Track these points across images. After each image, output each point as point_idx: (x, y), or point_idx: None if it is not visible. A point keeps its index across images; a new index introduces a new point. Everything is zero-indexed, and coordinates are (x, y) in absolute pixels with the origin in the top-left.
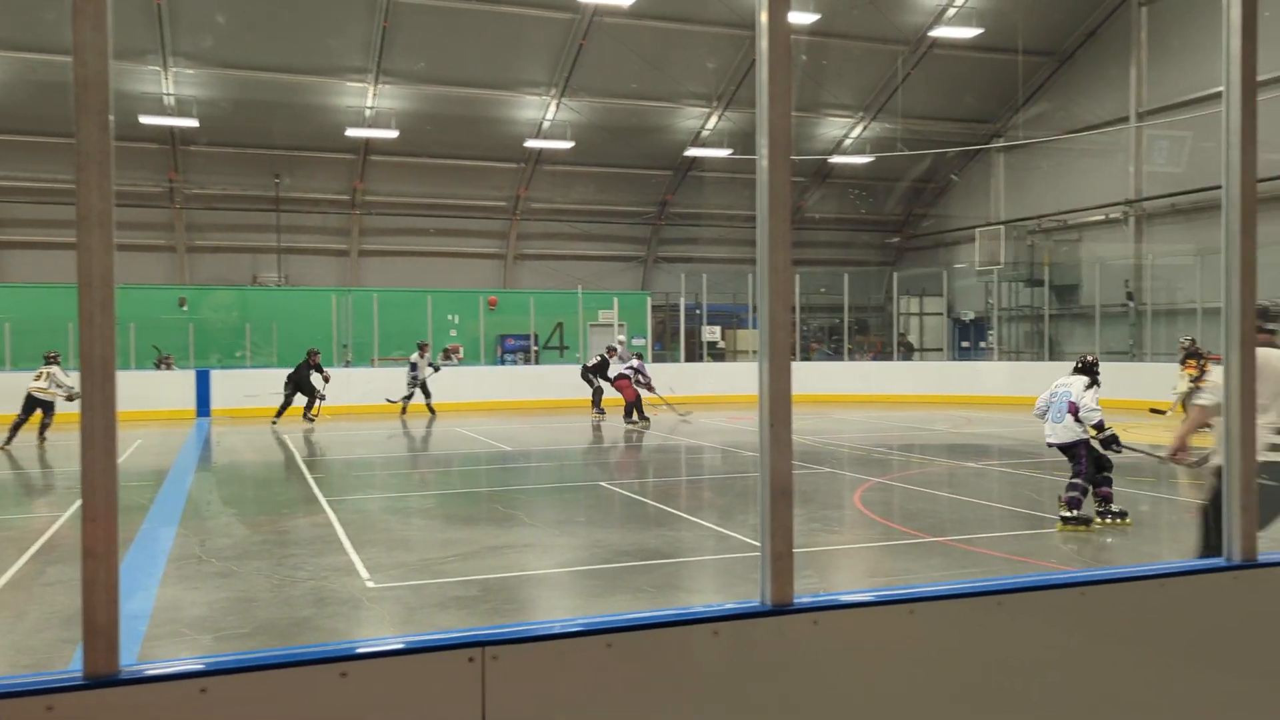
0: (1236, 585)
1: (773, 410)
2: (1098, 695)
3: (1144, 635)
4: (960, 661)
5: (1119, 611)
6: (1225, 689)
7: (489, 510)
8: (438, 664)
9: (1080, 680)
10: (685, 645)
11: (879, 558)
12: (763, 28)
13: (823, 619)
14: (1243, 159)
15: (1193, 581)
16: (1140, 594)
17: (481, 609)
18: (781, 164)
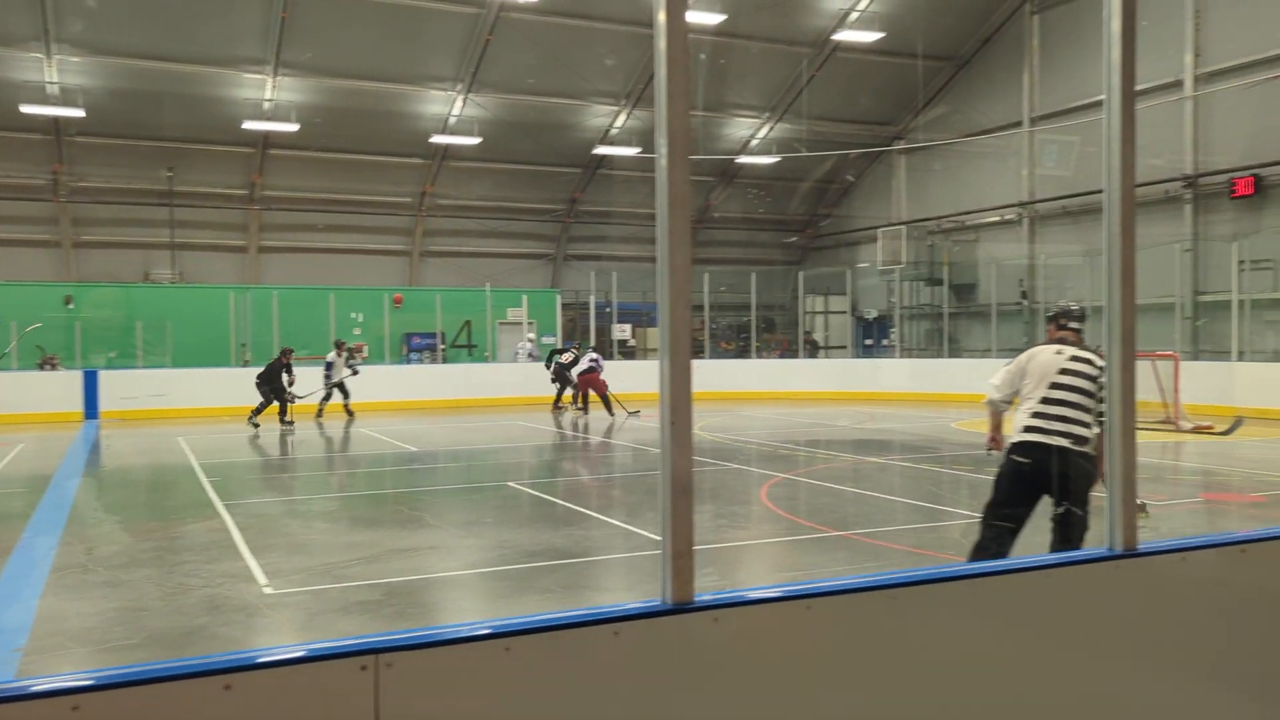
0: (1118, 574)
1: (674, 409)
2: (990, 683)
3: (1032, 624)
4: (857, 655)
5: (1008, 602)
6: (1109, 673)
7: (394, 512)
8: (328, 673)
9: (972, 669)
10: (586, 647)
11: (784, 553)
12: (660, 27)
13: (723, 616)
14: (1122, 164)
15: (1077, 571)
16: (1027, 585)
17: (385, 613)
18: (680, 163)
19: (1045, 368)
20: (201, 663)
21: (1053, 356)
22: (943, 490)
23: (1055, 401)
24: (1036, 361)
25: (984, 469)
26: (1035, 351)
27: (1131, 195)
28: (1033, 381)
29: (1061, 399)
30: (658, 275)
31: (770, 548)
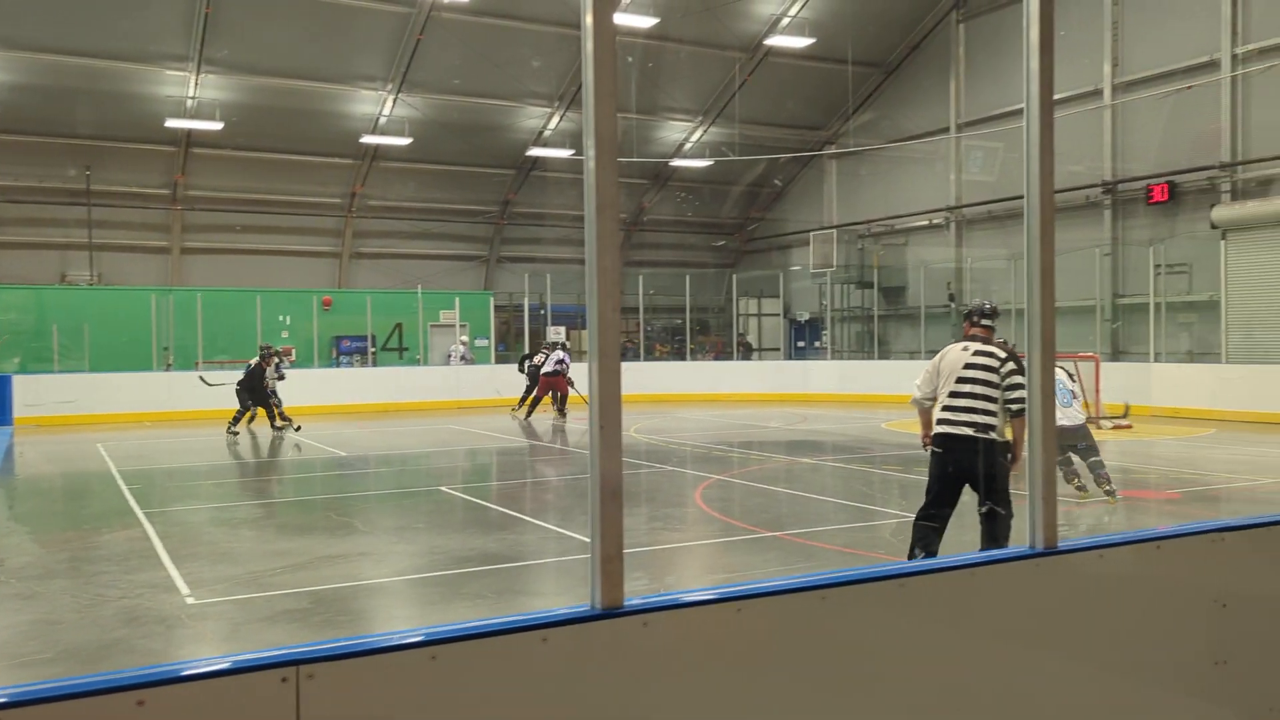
0: (1039, 571)
1: (603, 412)
2: (919, 680)
3: (959, 621)
4: (788, 656)
5: (935, 600)
6: (1033, 667)
7: (323, 519)
8: (247, 687)
9: (902, 667)
10: (514, 654)
11: (718, 554)
12: (588, 29)
13: (653, 620)
14: (1041, 170)
15: (1000, 570)
16: (954, 583)
17: (313, 622)
18: (609, 165)
19: (953, 364)
20: (114, 678)
21: (960, 353)
22: (874, 490)
23: (961, 394)
24: (947, 360)
25: (913, 468)
26: (946, 350)
27: (1051, 201)
28: (944, 378)
29: (967, 391)
30: (586, 278)
31: (704, 549)
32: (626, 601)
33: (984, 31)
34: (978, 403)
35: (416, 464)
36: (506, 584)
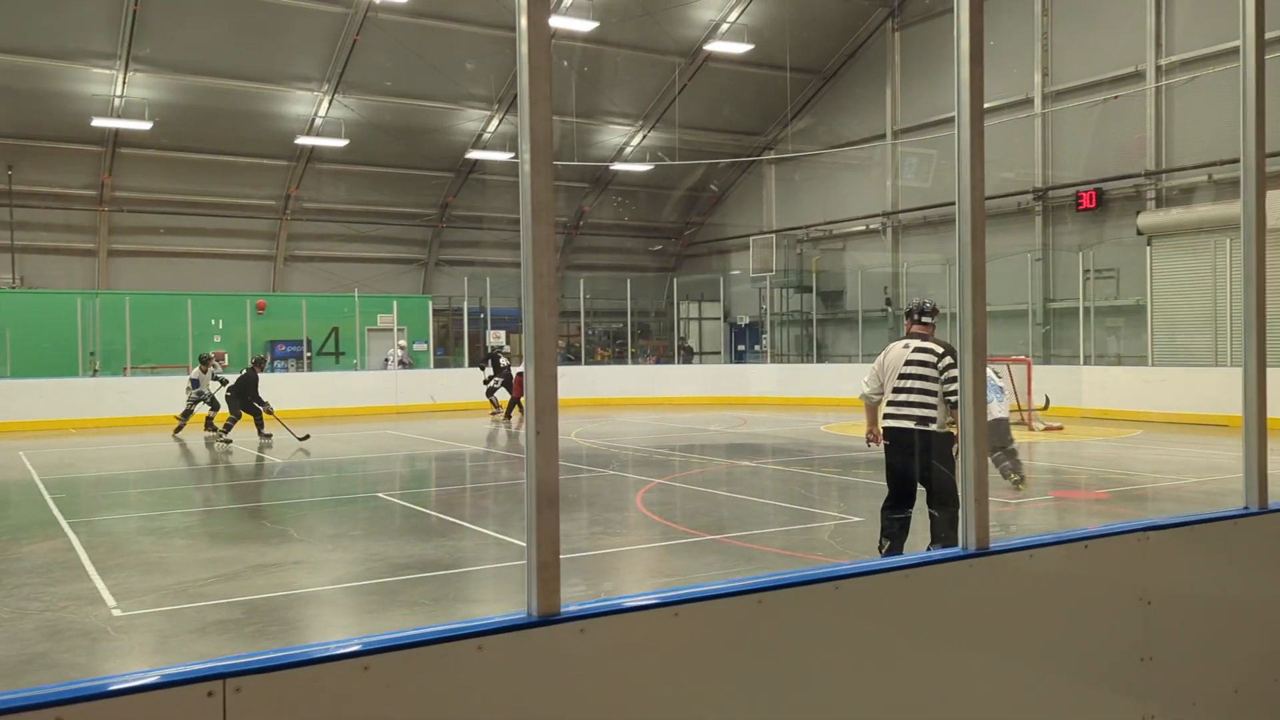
0: (972, 572)
1: (539, 417)
2: (856, 681)
3: (894, 622)
4: (726, 659)
5: (871, 602)
6: (968, 666)
7: (257, 527)
8: (171, 702)
9: (839, 668)
10: (449, 663)
11: (658, 559)
12: (523, 32)
13: (590, 627)
14: (972, 177)
15: (934, 571)
16: (889, 585)
17: (245, 632)
18: (544, 169)
19: (895, 361)
20: (33, 695)
21: (901, 351)
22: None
23: (903, 390)
24: (890, 357)
25: (851, 470)
26: (889, 349)
27: (981, 207)
28: (888, 375)
29: (907, 386)
30: (522, 282)
31: (644, 554)
32: (563, 608)
33: (919, 40)
34: (918, 396)
35: (353, 470)
36: (445, 591)
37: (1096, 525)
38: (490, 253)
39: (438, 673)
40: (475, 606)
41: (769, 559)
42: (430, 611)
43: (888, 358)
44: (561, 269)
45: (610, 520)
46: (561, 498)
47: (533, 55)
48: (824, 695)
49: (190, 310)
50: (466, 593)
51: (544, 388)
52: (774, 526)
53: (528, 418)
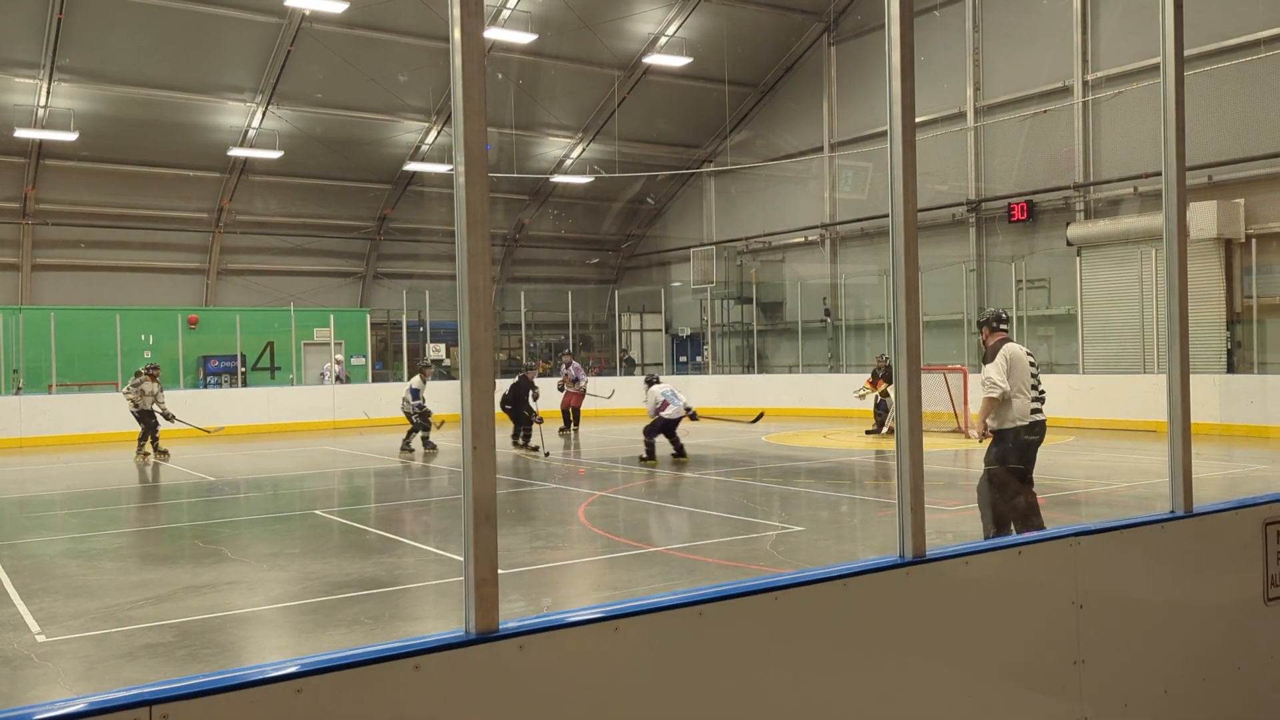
0: (909, 580)
1: (475, 432)
2: (797, 692)
3: (833, 631)
4: (667, 673)
5: (810, 611)
6: (906, 671)
7: (189, 547)
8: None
9: (780, 679)
10: (384, 684)
11: (601, 572)
12: (457, 44)
13: (529, 643)
14: (904, 189)
15: (872, 579)
16: (827, 594)
17: (176, 656)
18: (479, 181)
19: (1023, 361)
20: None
21: (1021, 352)
22: (755, 503)
23: (1036, 386)
24: (1017, 357)
25: (792, 480)
26: (1009, 350)
27: (913, 219)
28: (1019, 372)
29: (1037, 384)
30: (458, 295)
31: (586, 567)
32: (502, 625)
33: (854, 54)
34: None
35: (290, 487)
36: (384, 609)
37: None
38: (429, 265)
39: (373, 694)
40: (416, 624)
41: (711, 570)
42: (369, 630)
43: (1015, 358)
44: (502, 281)
45: (552, 534)
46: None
47: (467, 67)
48: (766, 705)
49: (119, 326)
50: (407, 610)
51: (480, 402)
52: (716, 538)
53: (464, 432)
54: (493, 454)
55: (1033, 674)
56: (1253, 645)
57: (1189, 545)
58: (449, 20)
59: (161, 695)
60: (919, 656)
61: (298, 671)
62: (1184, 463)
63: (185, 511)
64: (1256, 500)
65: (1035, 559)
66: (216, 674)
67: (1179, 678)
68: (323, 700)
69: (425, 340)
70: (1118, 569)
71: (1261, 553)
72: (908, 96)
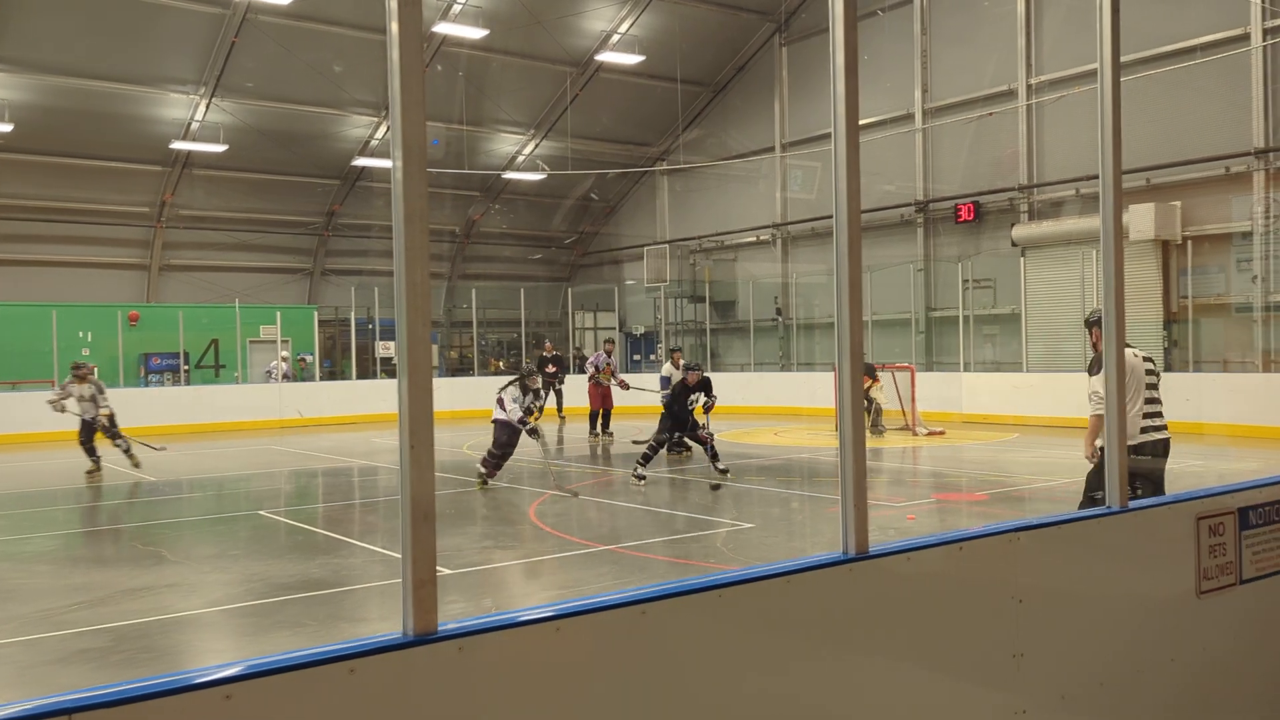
0: (852, 576)
1: (413, 431)
2: (741, 689)
3: (777, 628)
4: (611, 672)
5: (754, 608)
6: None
7: (128, 549)
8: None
9: (724, 676)
10: (319, 688)
11: (550, 571)
12: (394, 37)
13: (468, 645)
14: (848, 188)
15: (815, 576)
16: (771, 591)
17: (112, 661)
18: (417, 175)
19: (1136, 370)
20: None
21: (1135, 359)
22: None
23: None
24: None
25: (744, 478)
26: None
27: (857, 217)
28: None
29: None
30: (395, 292)
31: (536, 567)
32: (441, 626)
33: (805, 55)
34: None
35: (234, 487)
36: (329, 610)
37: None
38: (379, 262)
39: (306, 699)
40: (361, 626)
41: (661, 568)
42: (314, 633)
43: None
44: (454, 279)
45: (502, 534)
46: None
47: (404, 58)
48: (710, 703)
49: (55, 322)
50: (352, 612)
51: (418, 399)
52: (668, 535)
53: (401, 431)
54: (431, 453)
55: (973, 667)
56: (1185, 638)
57: (1125, 540)
58: (386, 13)
59: (82, 703)
60: (861, 651)
61: (227, 677)
62: (1119, 459)
63: (124, 513)
64: (1190, 495)
65: (976, 555)
66: (142, 680)
67: (1114, 670)
68: (253, 706)
69: (374, 338)
70: (1056, 564)
71: (1194, 547)
72: (852, 97)
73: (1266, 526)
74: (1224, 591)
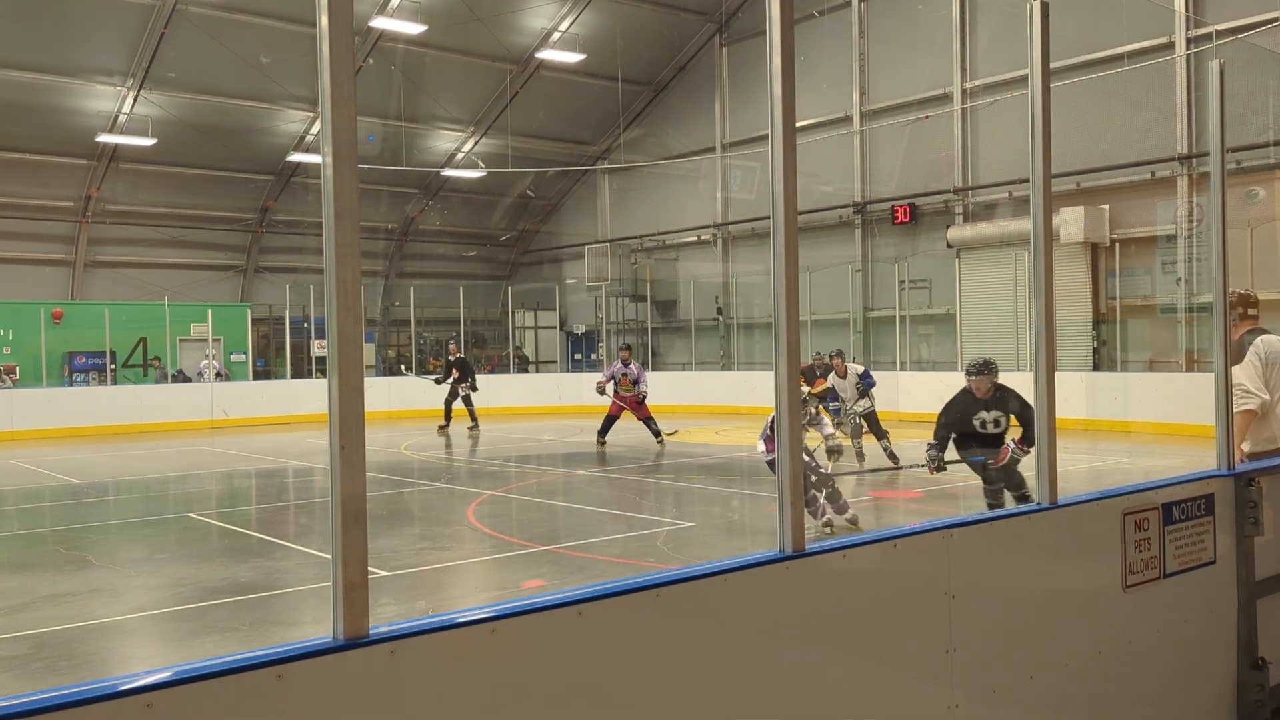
0: (789, 574)
1: (343, 431)
2: (679, 689)
3: (715, 626)
4: (547, 675)
5: (691, 608)
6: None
7: (50, 554)
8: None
9: (661, 677)
10: (245, 696)
11: (488, 572)
12: (324, 31)
13: (400, 648)
14: (785, 190)
15: (752, 574)
16: (708, 590)
17: (32, 669)
18: (348, 171)
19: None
20: None
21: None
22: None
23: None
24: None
25: (685, 477)
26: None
27: (793, 217)
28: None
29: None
30: (325, 290)
31: (473, 568)
32: (372, 629)
33: (746, 56)
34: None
35: (162, 489)
36: (260, 614)
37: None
38: (314, 259)
39: (232, 707)
40: (293, 629)
41: (601, 568)
42: (245, 637)
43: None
44: (391, 277)
45: (439, 535)
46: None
47: (335, 51)
48: (647, 704)
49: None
50: (285, 615)
51: (349, 399)
52: (609, 535)
53: (331, 431)
54: (362, 453)
55: (907, 662)
56: (1112, 630)
57: (1054, 536)
58: (316, 7)
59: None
60: (797, 648)
61: (150, 684)
62: (1050, 456)
63: (47, 516)
64: (1117, 491)
65: (910, 552)
66: (59, 689)
67: (1044, 664)
68: (176, 714)
69: (309, 336)
70: (988, 560)
71: (1121, 542)
72: (789, 98)
73: (1188, 521)
74: (1148, 585)
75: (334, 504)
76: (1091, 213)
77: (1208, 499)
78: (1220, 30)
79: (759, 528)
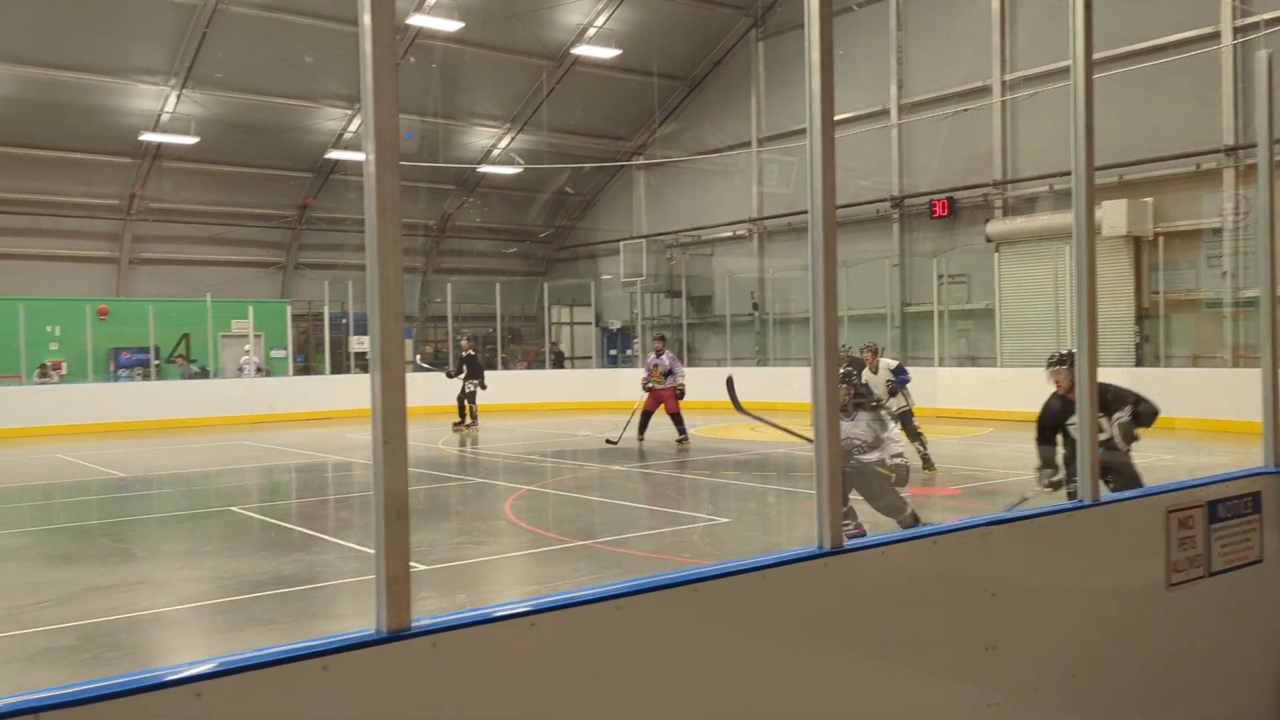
0: (827, 570)
1: (386, 425)
2: (716, 684)
3: (752, 622)
4: (585, 668)
5: (729, 603)
6: (824, 661)
7: (96, 546)
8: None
9: (699, 671)
10: (291, 686)
11: (526, 567)
12: (366, 29)
13: (442, 641)
14: (824, 184)
15: (791, 570)
16: (746, 585)
17: (80, 659)
18: (390, 168)
19: None
20: None
21: None
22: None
23: None
24: None
25: (720, 473)
26: None
27: (832, 215)
28: None
29: None
30: (368, 287)
31: (511, 562)
32: (414, 622)
33: (782, 49)
34: None
35: (205, 483)
36: (302, 607)
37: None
38: (353, 256)
39: (278, 697)
40: (334, 623)
41: (638, 563)
42: (286, 629)
43: None
44: (429, 273)
45: (477, 529)
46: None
47: (377, 51)
48: (684, 699)
49: (22, 317)
50: (326, 609)
51: (392, 394)
52: (644, 530)
53: (374, 426)
54: (405, 448)
55: (946, 660)
56: (1155, 629)
57: (1096, 534)
58: (358, 4)
59: (48, 702)
60: (835, 645)
61: (196, 675)
62: (1091, 454)
63: (93, 509)
64: (1159, 489)
65: (949, 549)
66: (108, 679)
67: (1086, 662)
68: (224, 704)
69: (348, 333)
70: (1028, 558)
71: (1164, 540)
72: (827, 92)
73: (1234, 520)
74: (1193, 584)
75: (376, 498)
76: (1135, 206)
77: (1254, 496)
78: (1268, 19)
79: (795, 524)
